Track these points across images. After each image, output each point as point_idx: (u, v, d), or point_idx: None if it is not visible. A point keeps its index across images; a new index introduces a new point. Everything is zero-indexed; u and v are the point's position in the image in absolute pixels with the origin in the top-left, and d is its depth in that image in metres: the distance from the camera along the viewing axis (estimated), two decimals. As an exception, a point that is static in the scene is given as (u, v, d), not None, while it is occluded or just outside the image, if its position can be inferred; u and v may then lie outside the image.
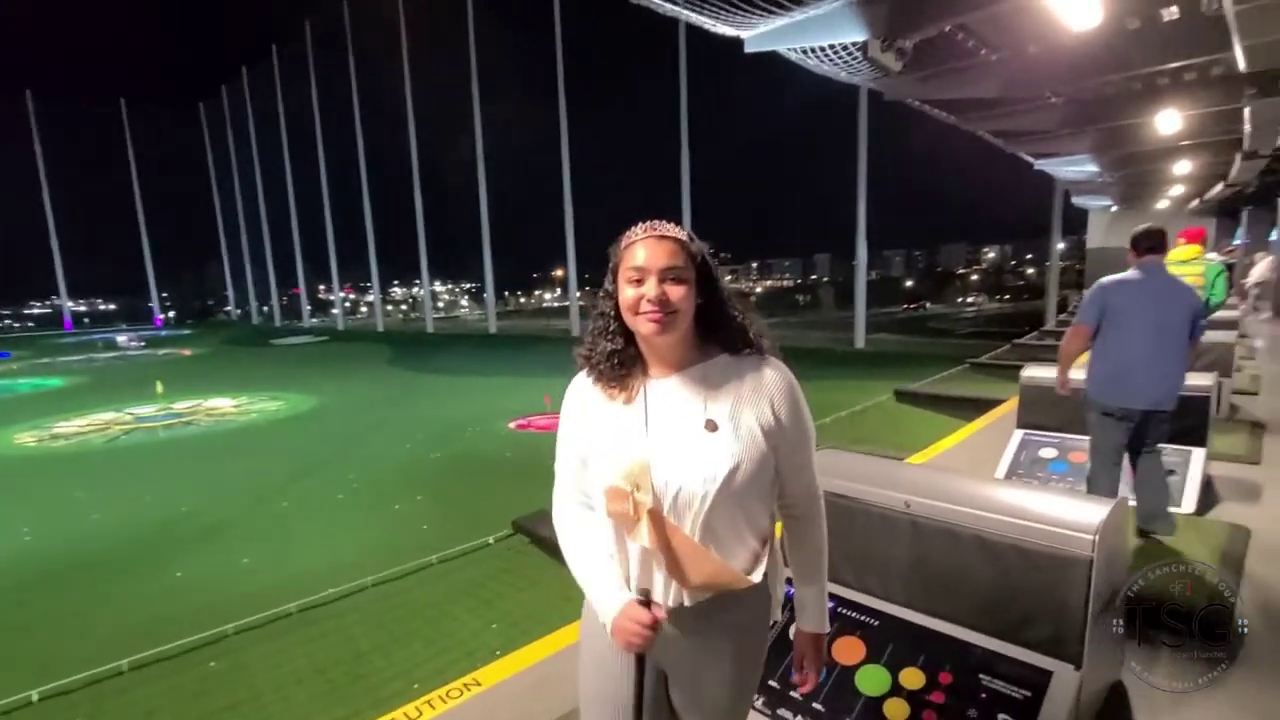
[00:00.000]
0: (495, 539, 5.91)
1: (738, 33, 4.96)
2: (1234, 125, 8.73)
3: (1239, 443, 4.41)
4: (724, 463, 1.14)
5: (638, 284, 1.16)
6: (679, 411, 1.20)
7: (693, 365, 1.23)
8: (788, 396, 1.23)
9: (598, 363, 1.24)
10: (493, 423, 12.12)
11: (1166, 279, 3.04)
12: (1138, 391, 2.96)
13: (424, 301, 39.65)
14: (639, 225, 1.20)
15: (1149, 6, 5.62)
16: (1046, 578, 1.47)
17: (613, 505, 1.17)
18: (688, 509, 1.15)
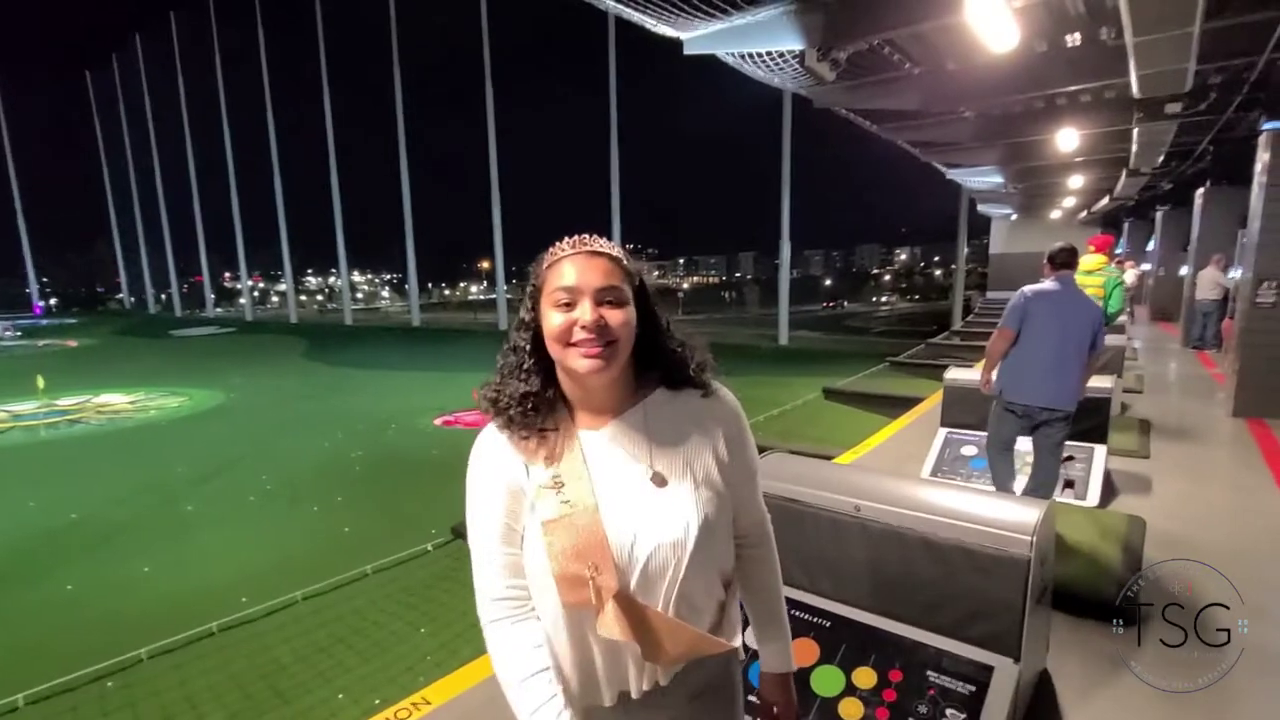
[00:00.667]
0: (434, 546, 5.67)
1: (677, 34, 4.99)
2: (1122, 145, 9.51)
3: (1131, 439, 4.83)
4: (691, 520, 0.96)
5: (567, 308, 0.94)
6: (624, 468, 0.99)
7: (630, 408, 1.03)
8: (737, 428, 1.07)
9: (506, 407, 1.00)
10: (417, 419, 11.76)
11: (1075, 293, 3.35)
12: (1037, 390, 3.26)
13: (342, 292, 37.99)
14: (564, 240, 0.99)
15: (1055, 32, 6.02)
16: (988, 577, 1.56)
17: (569, 596, 0.95)
18: (659, 581, 0.96)
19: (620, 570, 0.95)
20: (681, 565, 0.96)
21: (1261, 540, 3.39)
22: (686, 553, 0.96)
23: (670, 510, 0.97)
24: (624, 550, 0.95)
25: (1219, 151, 10.18)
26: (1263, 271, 5.82)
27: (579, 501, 0.96)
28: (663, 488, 0.98)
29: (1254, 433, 5.42)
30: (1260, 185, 5.89)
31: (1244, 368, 5.95)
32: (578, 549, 0.94)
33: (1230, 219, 10.75)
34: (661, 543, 0.95)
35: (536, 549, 0.97)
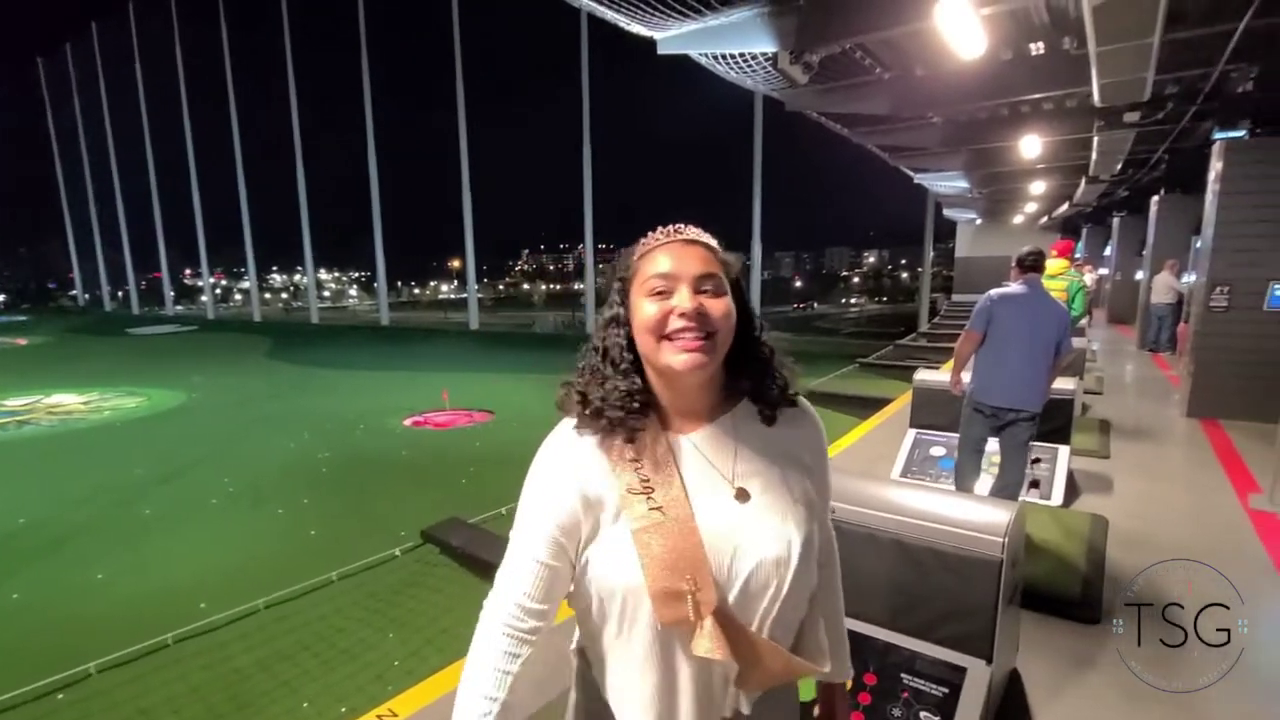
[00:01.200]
0: (402, 551, 5.51)
1: (651, 33, 4.98)
2: (1083, 152, 9.78)
3: (1092, 439, 4.96)
4: (794, 539, 0.90)
5: (661, 296, 0.88)
6: (711, 479, 0.92)
7: (722, 415, 0.96)
8: (820, 444, 1.02)
9: (603, 408, 0.91)
10: (386, 420, 11.57)
11: (1042, 296, 3.41)
12: (1005, 392, 3.32)
13: (308, 290, 37.23)
14: (656, 230, 0.94)
15: (1020, 41, 6.15)
16: (960, 578, 1.58)
17: (665, 612, 0.86)
18: (757, 600, 0.89)
19: (720, 587, 0.87)
20: (784, 585, 0.89)
21: (1218, 539, 3.50)
22: (790, 572, 0.89)
23: (769, 526, 0.90)
24: (722, 565, 0.88)
25: (1173, 160, 10.51)
26: (1216, 277, 6.01)
27: (672, 509, 0.88)
28: (745, 503, 0.91)
29: (1207, 433, 5.60)
30: (1214, 194, 6.08)
31: (1198, 370, 6.15)
32: (673, 560, 0.86)
33: (1184, 226, 11.13)
34: (764, 559, 0.88)
35: (626, 562, 0.88)
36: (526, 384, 14.77)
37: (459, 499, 7.16)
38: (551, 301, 72.39)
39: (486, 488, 7.52)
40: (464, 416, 11.83)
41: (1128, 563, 3.05)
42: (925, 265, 29.72)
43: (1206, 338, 6.11)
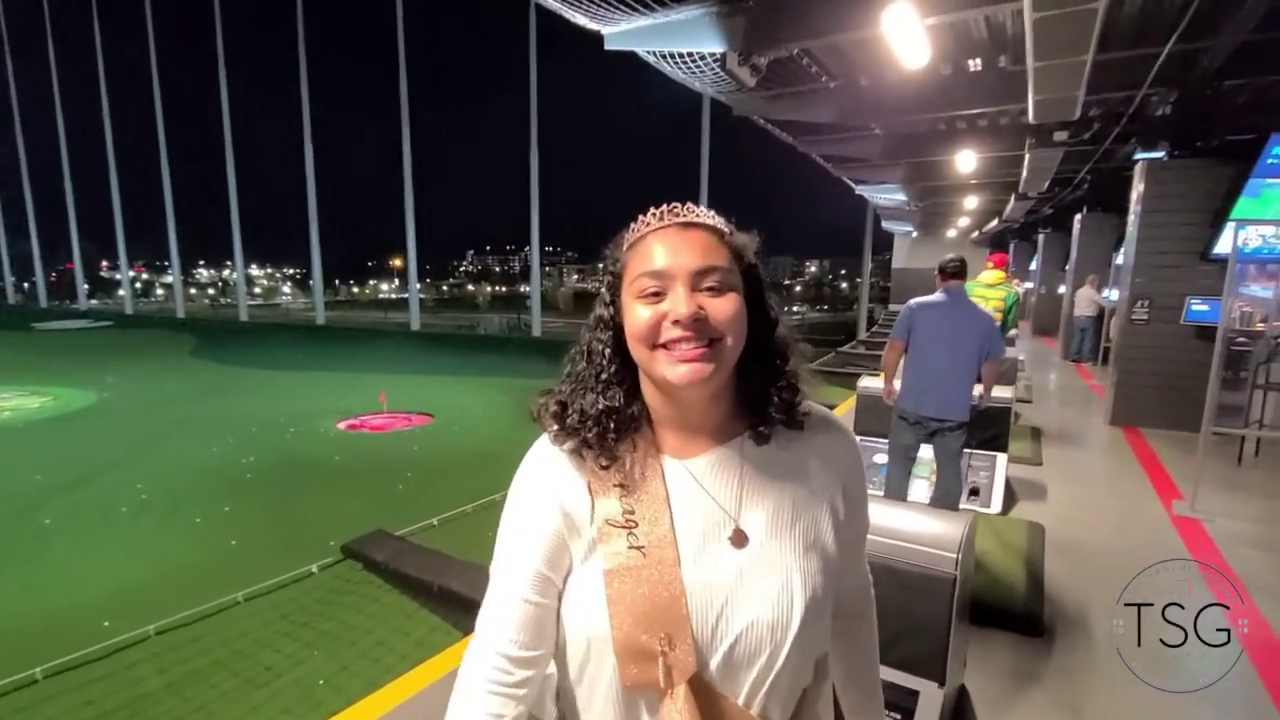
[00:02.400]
0: (320, 567, 5.07)
1: (598, 27, 4.86)
2: (1014, 170, 10.16)
3: (1025, 447, 5.09)
4: (797, 597, 0.73)
5: (654, 298, 0.73)
6: (708, 516, 0.76)
7: (733, 438, 0.79)
8: (857, 476, 0.85)
9: (578, 426, 0.77)
10: (319, 423, 11.06)
11: (965, 304, 3.40)
12: (927, 400, 3.32)
13: (237, 285, 35.54)
14: (649, 212, 0.78)
15: (959, 56, 6.31)
16: (913, 596, 1.51)
17: (631, 674, 0.72)
18: (746, 669, 0.73)
19: (699, 647, 0.72)
20: (780, 654, 0.73)
21: (1147, 545, 3.60)
22: (789, 638, 0.73)
23: (768, 581, 0.74)
24: (707, 623, 0.72)
25: (1095, 180, 11.06)
26: (1138, 291, 6.29)
27: (655, 549, 0.73)
28: (742, 548, 0.75)
29: (1129, 440, 5.84)
30: (1136, 213, 6.37)
31: (1120, 380, 6.42)
32: (647, 611, 0.71)
33: (1104, 242, 11.72)
34: (758, 621, 0.72)
35: (592, 606, 0.74)
36: (469, 387, 14.43)
37: (394, 505, 6.87)
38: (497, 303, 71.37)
39: (424, 494, 7.24)
40: (402, 420, 11.43)
41: (1064, 571, 3.10)
42: (864, 275, 30.61)
43: (1129, 349, 6.38)
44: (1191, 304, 5.99)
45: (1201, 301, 5.95)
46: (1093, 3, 3.17)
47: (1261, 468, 5.05)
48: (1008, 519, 3.58)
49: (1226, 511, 3.96)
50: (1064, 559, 3.23)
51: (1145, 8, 4.99)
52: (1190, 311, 5.99)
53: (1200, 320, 5.97)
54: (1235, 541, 3.57)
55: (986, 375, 3.32)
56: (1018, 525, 3.18)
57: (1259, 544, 3.54)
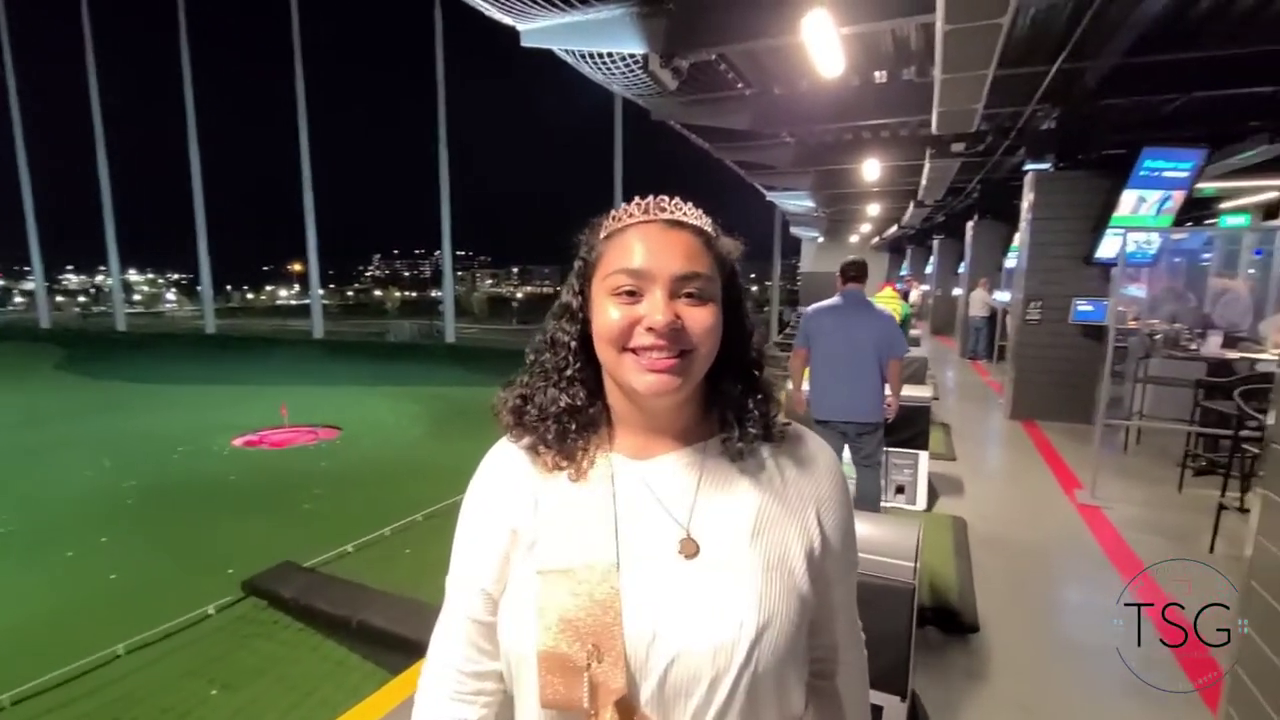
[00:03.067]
0: (217, 608, 4.42)
1: (514, 23, 4.71)
2: (913, 179, 10.72)
3: (940, 443, 5.32)
4: (748, 619, 0.64)
5: (629, 299, 0.67)
6: (656, 524, 0.69)
7: (695, 443, 0.74)
8: (841, 494, 0.76)
9: (536, 423, 0.73)
10: (211, 440, 10.20)
11: (862, 306, 3.41)
12: (834, 405, 3.35)
13: (113, 292, 32.53)
14: (632, 203, 0.71)
15: (867, 69, 6.56)
16: (872, 609, 1.45)
17: (550, 688, 0.65)
18: (683, 697, 0.63)
19: (632, 665, 0.63)
20: (722, 682, 0.63)
21: (1059, 533, 3.81)
22: (734, 665, 0.63)
23: (715, 596, 0.65)
24: (642, 638, 0.63)
25: (985, 190, 11.82)
26: (1031, 293, 6.73)
27: (594, 552, 0.67)
28: (691, 559, 0.67)
29: (1029, 433, 6.23)
30: (1027, 220, 6.81)
31: (1018, 377, 6.85)
32: (577, 621, 0.64)
33: (995, 248, 12.56)
34: (699, 640, 0.63)
35: (520, 610, 0.68)
36: (379, 396, 13.75)
37: (301, 528, 6.37)
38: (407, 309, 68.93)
39: (335, 515, 6.77)
40: (306, 434, 10.73)
41: (989, 565, 3.22)
42: (773, 279, 31.57)
43: (1024, 348, 6.82)
44: (1078, 305, 6.46)
45: (1087, 302, 6.43)
46: (998, 19, 3.33)
47: (1143, 454, 5.49)
48: (934, 515, 3.69)
49: (1120, 498, 4.27)
50: (987, 552, 3.35)
51: (1032, 30, 5.34)
52: (1077, 312, 6.47)
53: (1086, 320, 6.46)
54: (1131, 526, 3.83)
55: (890, 375, 3.31)
56: (944, 522, 3.28)
57: (1151, 528, 3.82)
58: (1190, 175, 6.11)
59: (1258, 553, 1.62)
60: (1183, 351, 5.46)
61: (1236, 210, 10.38)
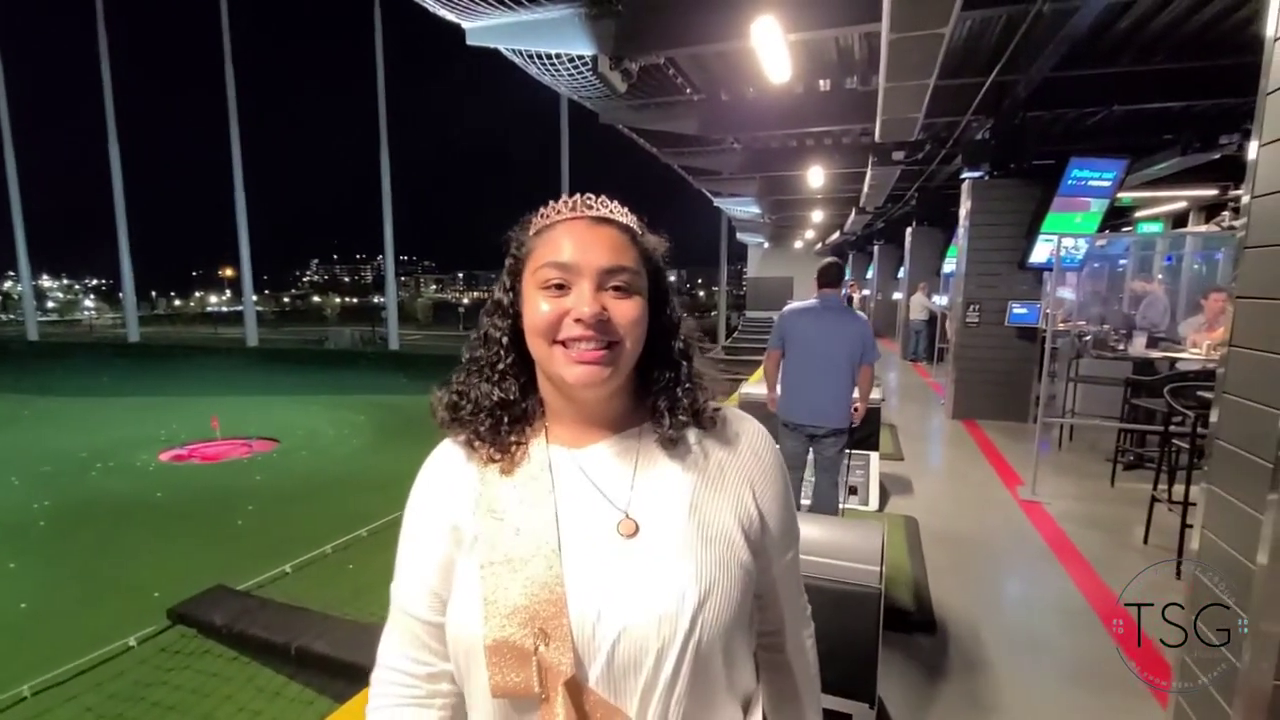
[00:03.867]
0: (139, 639, 4.00)
1: (459, 20, 4.58)
2: (855, 186, 10.98)
3: (889, 444, 5.43)
4: (689, 590, 0.66)
5: (558, 292, 0.69)
6: (595, 509, 0.71)
7: (627, 430, 0.76)
8: (774, 470, 0.79)
9: (469, 416, 0.75)
10: (135, 455, 9.62)
11: (838, 310, 3.42)
12: (803, 407, 3.34)
13: (24, 299, 30.44)
14: (560, 201, 0.74)
15: (811, 77, 6.67)
16: (839, 614, 1.44)
17: (500, 676, 0.65)
18: (633, 672, 0.65)
19: (579, 651, 0.64)
20: (669, 653, 0.64)
21: (1004, 529, 3.92)
22: (678, 635, 0.64)
23: (657, 570, 0.67)
24: (586, 620, 0.65)
25: (922, 197, 12.20)
26: (969, 297, 6.96)
27: (536, 539, 0.68)
28: (631, 538, 0.68)
29: (970, 432, 6.43)
30: (965, 226, 7.04)
31: (959, 378, 7.07)
32: (523, 608, 0.65)
33: (932, 253, 12.98)
34: (644, 614, 0.64)
35: (466, 603, 0.68)
36: (318, 406, 13.25)
37: (235, 548, 6.04)
38: (348, 315, 66.74)
39: (272, 532, 6.45)
40: (240, 447, 10.24)
41: (941, 563, 3.28)
42: (721, 284, 31.95)
43: (964, 349, 7.04)
44: (1013, 308, 6.71)
45: (1021, 305, 6.69)
46: (941, 28, 3.41)
47: (1075, 450, 5.73)
48: (887, 515, 3.74)
49: (1059, 493, 4.43)
50: (938, 550, 3.41)
51: (967, 43, 5.53)
52: (1012, 314, 6.72)
53: (1021, 322, 6.71)
54: (1070, 520, 3.98)
55: (861, 381, 3.33)
56: (897, 522, 3.32)
57: (1089, 521, 3.97)
58: (1113, 184, 6.44)
59: (1204, 546, 1.67)
60: (1111, 352, 5.73)
61: (1151, 219, 11.04)
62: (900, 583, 2.80)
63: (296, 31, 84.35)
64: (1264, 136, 1.61)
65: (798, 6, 4.13)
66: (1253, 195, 1.65)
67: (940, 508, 4.16)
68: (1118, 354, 5.61)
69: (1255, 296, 1.61)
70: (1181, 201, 9.85)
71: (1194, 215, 10.30)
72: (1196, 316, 5.70)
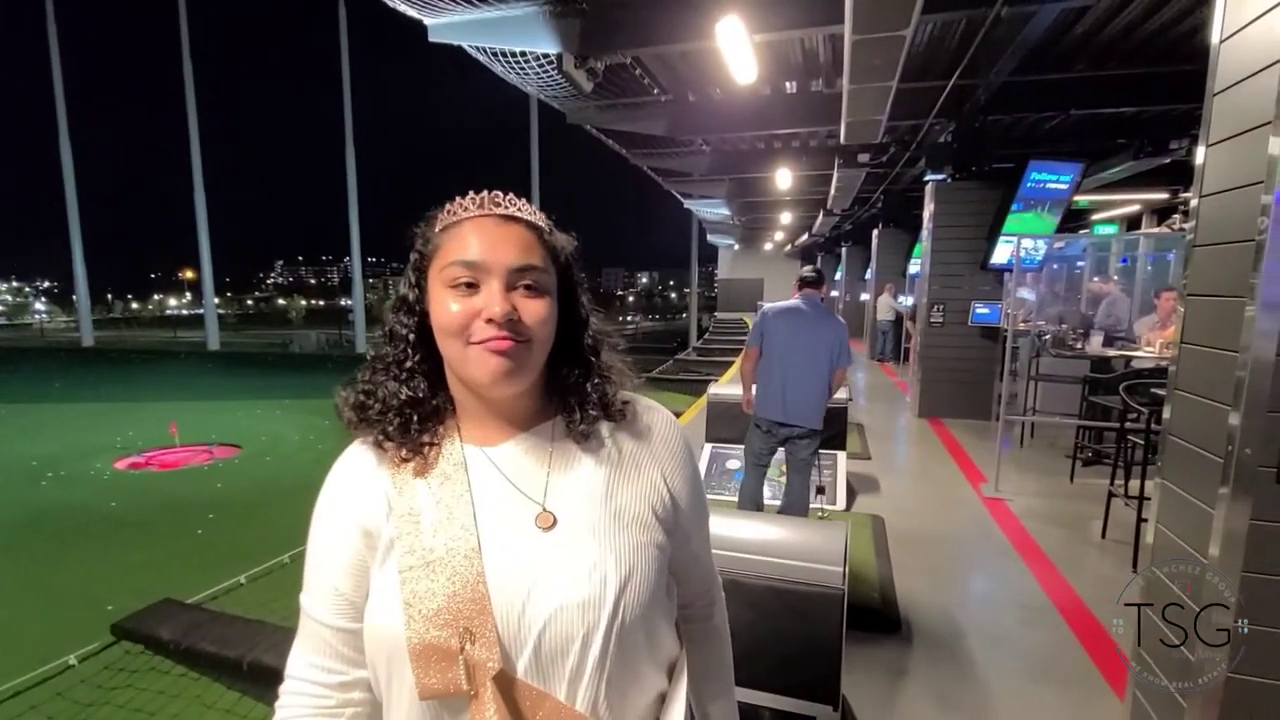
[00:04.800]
0: (80, 657, 3.72)
1: (420, 17, 4.51)
2: (822, 188, 11.11)
3: (856, 443, 5.48)
4: (610, 574, 0.68)
5: (467, 291, 0.69)
6: (512, 503, 0.72)
7: (537, 425, 0.77)
8: (682, 458, 0.82)
9: (379, 417, 0.74)
10: (88, 464, 9.26)
11: (818, 312, 3.44)
12: (778, 406, 3.35)
13: (-32, 304, 29.26)
14: (466, 197, 0.73)
15: (778, 79, 6.72)
16: (803, 617, 1.43)
17: (428, 677, 0.65)
18: (560, 661, 0.66)
19: (505, 646, 0.65)
20: (595, 636, 0.66)
21: (969, 527, 3.97)
22: (603, 618, 0.66)
23: (578, 558, 0.68)
24: (512, 612, 0.66)
25: (888, 200, 12.40)
26: (933, 297, 7.07)
27: (454, 539, 0.68)
28: (549, 531, 0.70)
29: (935, 430, 6.53)
30: (929, 228, 7.16)
31: (924, 377, 7.18)
32: (445, 609, 0.65)
33: (898, 254, 13.18)
34: (567, 602, 0.66)
35: (386, 609, 0.67)
36: (283, 411, 12.94)
37: (192, 559, 5.84)
38: (314, 318, 65.44)
39: (231, 542, 6.25)
40: (200, 453, 9.93)
41: (907, 561, 3.31)
42: (692, 286, 32.08)
43: (929, 349, 7.15)
44: (976, 308, 6.84)
45: (984, 305, 6.81)
46: (902, 30, 3.45)
47: (1036, 447, 5.85)
48: (853, 515, 3.76)
49: (1021, 490, 4.51)
50: (904, 548, 3.44)
51: (928, 47, 5.62)
52: (975, 314, 6.84)
53: (983, 322, 6.84)
54: (1032, 516, 4.05)
55: (833, 384, 3.36)
56: (863, 521, 3.35)
57: (1050, 518, 4.05)
58: (1070, 187, 6.60)
59: (1159, 540, 1.69)
60: (1069, 350, 5.86)
61: (1107, 221, 11.36)
62: (866, 582, 2.81)
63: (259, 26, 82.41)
64: (1210, 137, 1.65)
65: (762, 7, 4.15)
66: (1200, 195, 1.68)
67: (906, 506, 4.20)
68: (1076, 353, 5.75)
69: (1204, 294, 1.65)
70: (1135, 204, 10.15)
71: (1147, 218, 10.64)
72: (1150, 316, 5.87)
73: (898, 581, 3.01)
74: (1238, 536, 1.47)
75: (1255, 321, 1.42)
